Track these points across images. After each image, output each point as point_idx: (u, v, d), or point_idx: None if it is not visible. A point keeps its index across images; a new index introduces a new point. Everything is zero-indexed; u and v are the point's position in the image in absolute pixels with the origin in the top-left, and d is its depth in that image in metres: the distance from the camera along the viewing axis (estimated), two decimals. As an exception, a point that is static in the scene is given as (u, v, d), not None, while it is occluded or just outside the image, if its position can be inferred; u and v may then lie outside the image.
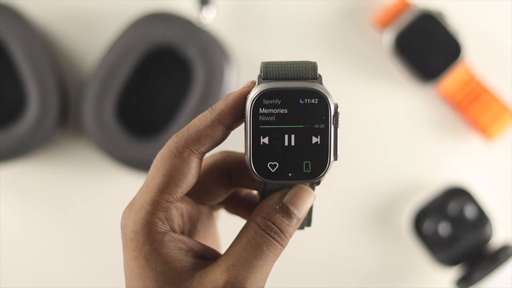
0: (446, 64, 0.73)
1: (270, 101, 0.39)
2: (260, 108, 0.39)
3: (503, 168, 0.77)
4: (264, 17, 0.75)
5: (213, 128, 0.39)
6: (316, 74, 0.40)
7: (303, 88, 0.39)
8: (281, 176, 0.39)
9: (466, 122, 0.76)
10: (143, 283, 0.38)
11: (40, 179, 0.76)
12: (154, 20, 0.71)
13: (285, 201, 0.40)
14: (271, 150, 0.39)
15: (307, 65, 0.40)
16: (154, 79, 0.73)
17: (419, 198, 0.75)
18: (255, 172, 0.39)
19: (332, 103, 0.39)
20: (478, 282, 0.71)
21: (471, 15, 0.76)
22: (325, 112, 0.39)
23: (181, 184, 0.39)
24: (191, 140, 0.39)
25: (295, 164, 0.39)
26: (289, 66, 0.40)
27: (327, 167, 0.39)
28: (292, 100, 0.39)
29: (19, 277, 0.77)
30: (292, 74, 0.39)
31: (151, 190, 0.39)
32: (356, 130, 0.76)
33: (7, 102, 0.73)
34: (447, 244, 0.74)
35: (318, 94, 0.39)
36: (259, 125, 0.39)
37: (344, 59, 0.76)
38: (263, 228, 0.39)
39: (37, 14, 0.74)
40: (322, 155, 0.39)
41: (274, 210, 0.39)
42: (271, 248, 0.39)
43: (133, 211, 0.39)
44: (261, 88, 0.39)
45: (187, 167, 0.39)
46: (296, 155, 0.39)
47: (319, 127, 0.39)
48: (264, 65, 0.40)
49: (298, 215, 0.40)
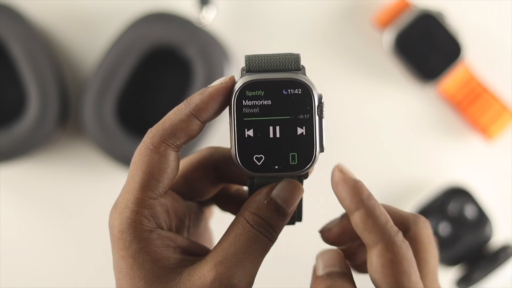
0: (446, 64, 0.73)
1: (254, 93, 0.39)
2: (243, 100, 0.39)
3: (503, 168, 0.77)
4: (264, 17, 0.75)
5: (188, 122, 0.39)
6: (299, 65, 0.39)
7: (286, 79, 0.39)
8: (268, 169, 0.39)
9: (466, 122, 0.76)
10: (132, 282, 0.38)
11: (40, 179, 0.76)
12: (154, 20, 0.71)
13: (273, 195, 0.39)
14: (256, 142, 0.39)
15: (290, 57, 0.39)
16: (154, 79, 0.73)
17: (419, 198, 0.75)
18: (241, 165, 0.39)
19: (316, 93, 0.39)
20: (478, 282, 0.71)
21: (471, 15, 0.76)
22: (309, 102, 0.39)
23: (162, 179, 0.38)
24: (167, 135, 0.39)
25: (281, 156, 0.39)
26: (271, 58, 0.39)
27: (314, 159, 0.39)
28: (276, 91, 0.39)
29: (19, 277, 0.77)
30: (275, 66, 0.39)
31: (133, 188, 0.38)
32: (356, 130, 0.76)
33: (7, 102, 0.73)
34: (447, 244, 0.73)
35: (301, 84, 0.39)
36: (243, 117, 0.39)
37: (344, 59, 0.76)
38: (251, 223, 0.38)
39: (37, 14, 0.74)
40: (307, 146, 0.39)
41: (262, 204, 0.39)
42: (259, 243, 0.38)
43: (118, 211, 0.38)
44: (244, 80, 0.39)
45: (165, 161, 0.38)
46: (281, 147, 0.39)
47: (303, 118, 0.39)
48: (247, 58, 0.40)
49: (286, 209, 0.39)
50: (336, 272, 0.40)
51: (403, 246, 0.38)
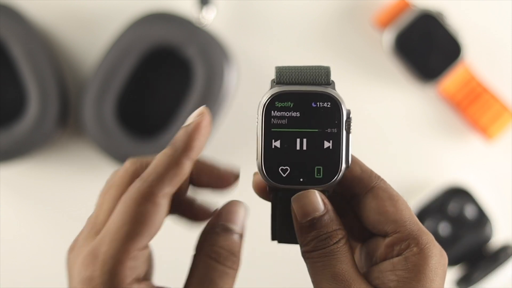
0: (446, 64, 0.73)
1: (283, 104, 0.39)
2: (272, 111, 0.39)
3: (503, 168, 0.77)
4: (264, 17, 0.75)
5: (180, 167, 0.37)
6: (329, 80, 0.39)
7: (316, 91, 0.39)
8: (293, 181, 0.39)
9: (466, 122, 0.76)
10: None
11: (40, 179, 0.76)
12: (154, 20, 0.71)
13: (222, 221, 0.39)
14: (283, 154, 0.39)
15: (320, 70, 0.39)
16: (154, 79, 0.73)
17: (419, 198, 0.75)
18: (266, 176, 0.39)
19: (345, 108, 0.39)
20: (478, 282, 0.71)
21: (471, 15, 0.76)
22: (337, 117, 0.39)
23: (154, 231, 0.37)
24: (161, 183, 0.37)
25: (307, 169, 0.39)
26: (302, 71, 0.39)
27: (339, 173, 0.39)
28: (305, 103, 0.39)
29: (19, 277, 0.77)
30: (306, 79, 0.39)
31: (122, 237, 0.36)
32: (356, 130, 0.76)
33: (7, 102, 0.73)
34: (447, 244, 0.73)
35: (331, 98, 0.39)
36: (271, 128, 0.39)
37: (344, 59, 0.76)
38: (213, 257, 0.37)
39: (37, 14, 0.74)
40: (334, 160, 0.39)
41: (216, 234, 0.38)
42: (224, 279, 0.37)
43: (99, 261, 0.36)
44: (273, 91, 0.39)
45: (160, 212, 0.36)
46: (307, 160, 0.39)
47: (331, 132, 0.39)
48: (277, 69, 0.40)
49: (237, 229, 0.39)
50: (317, 217, 0.38)
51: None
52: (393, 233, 0.38)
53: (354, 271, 0.38)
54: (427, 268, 0.37)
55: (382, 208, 0.39)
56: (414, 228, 0.38)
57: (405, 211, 0.39)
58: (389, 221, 0.38)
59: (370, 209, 0.39)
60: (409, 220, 0.38)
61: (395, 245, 0.38)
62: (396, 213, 0.38)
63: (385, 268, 0.38)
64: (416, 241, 0.38)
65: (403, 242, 0.38)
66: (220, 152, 0.75)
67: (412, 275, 0.37)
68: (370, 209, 0.39)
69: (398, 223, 0.38)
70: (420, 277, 0.37)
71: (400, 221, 0.38)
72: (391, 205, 0.39)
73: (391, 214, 0.38)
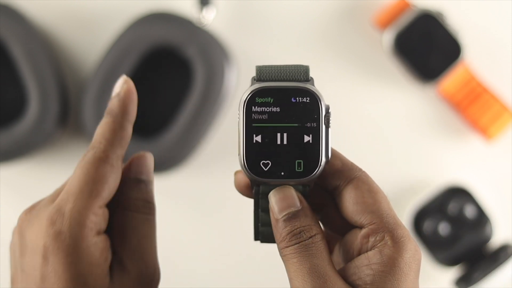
0: (446, 64, 0.73)
1: (263, 100, 0.40)
2: (253, 106, 0.40)
3: (503, 168, 0.77)
4: (264, 17, 0.75)
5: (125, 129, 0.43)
6: (308, 77, 0.41)
7: (295, 87, 0.40)
8: (274, 175, 0.40)
9: (466, 122, 0.76)
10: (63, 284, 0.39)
11: (40, 179, 0.76)
12: (154, 20, 0.71)
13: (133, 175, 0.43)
14: (264, 148, 0.40)
15: (299, 68, 0.41)
16: (154, 79, 0.73)
17: (419, 198, 0.75)
18: (248, 170, 0.40)
19: (324, 103, 0.40)
20: (478, 282, 0.71)
21: (471, 15, 0.76)
22: (317, 111, 0.40)
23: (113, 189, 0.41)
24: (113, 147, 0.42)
25: (288, 163, 0.40)
26: (281, 69, 0.41)
27: (319, 167, 0.40)
28: (285, 99, 0.40)
29: (19, 277, 0.77)
30: (285, 76, 0.40)
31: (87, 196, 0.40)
32: (356, 130, 0.76)
33: (7, 102, 0.73)
34: (447, 244, 0.74)
35: (310, 93, 0.40)
36: (252, 123, 0.40)
37: (344, 59, 0.76)
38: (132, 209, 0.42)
39: (37, 14, 0.74)
40: (313, 154, 0.40)
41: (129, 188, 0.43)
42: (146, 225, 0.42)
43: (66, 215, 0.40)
44: (254, 87, 0.40)
45: (114, 172, 0.41)
46: (288, 154, 0.40)
47: (310, 126, 0.40)
48: (258, 68, 0.41)
49: (148, 177, 0.44)
50: (293, 212, 0.40)
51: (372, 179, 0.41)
52: (369, 224, 0.39)
53: (330, 268, 0.38)
54: (401, 262, 0.38)
55: (360, 199, 0.40)
56: (390, 221, 0.39)
57: (383, 204, 0.40)
58: (366, 212, 0.39)
59: (349, 199, 0.40)
60: (386, 213, 0.39)
61: (370, 236, 0.39)
62: (373, 204, 0.39)
63: (361, 263, 0.39)
64: (391, 234, 0.38)
65: (378, 233, 0.39)
66: (220, 152, 0.75)
67: (387, 269, 0.38)
68: (349, 199, 0.40)
69: (374, 214, 0.39)
70: (395, 271, 0.38)
71: (377, 213, 0.39)
72: (369, 197, 0.40)
73: (369, 205, 0.39)
